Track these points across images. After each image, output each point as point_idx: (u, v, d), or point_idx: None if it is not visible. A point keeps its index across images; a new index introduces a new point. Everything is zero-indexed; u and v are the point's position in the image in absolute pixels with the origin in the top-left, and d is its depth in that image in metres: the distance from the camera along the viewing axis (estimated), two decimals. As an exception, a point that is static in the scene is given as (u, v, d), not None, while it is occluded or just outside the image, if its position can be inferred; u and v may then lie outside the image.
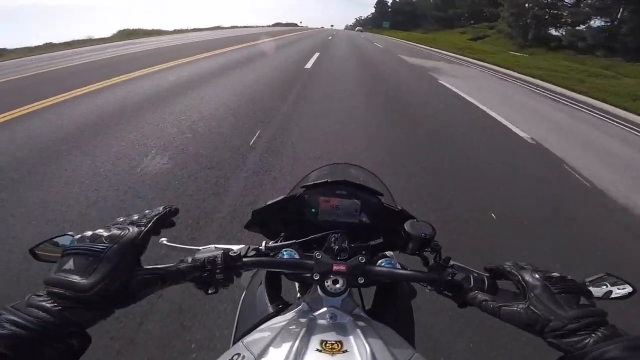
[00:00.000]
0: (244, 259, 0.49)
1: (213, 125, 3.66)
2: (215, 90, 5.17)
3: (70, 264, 0.36)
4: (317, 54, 10.82)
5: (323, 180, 0.60)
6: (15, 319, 0.31)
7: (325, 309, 0.50)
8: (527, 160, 3.53)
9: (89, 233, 0.39)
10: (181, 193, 2.32)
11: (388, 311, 0.60)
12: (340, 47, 15.15)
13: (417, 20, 62.28)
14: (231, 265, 0.47)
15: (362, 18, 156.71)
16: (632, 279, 0.47)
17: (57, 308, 0.33)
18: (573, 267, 1.91)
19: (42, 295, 0.34)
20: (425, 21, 56.73)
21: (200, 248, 0.50)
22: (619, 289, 0.47)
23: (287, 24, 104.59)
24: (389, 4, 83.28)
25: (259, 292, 0.60)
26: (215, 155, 2.93)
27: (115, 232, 0.39)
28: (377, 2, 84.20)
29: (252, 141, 3.27)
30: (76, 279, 0.35)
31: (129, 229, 0.40)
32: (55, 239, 0.45)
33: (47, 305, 0.33)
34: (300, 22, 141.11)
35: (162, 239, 0.53)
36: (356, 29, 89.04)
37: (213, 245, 0.50)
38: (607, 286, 0.46)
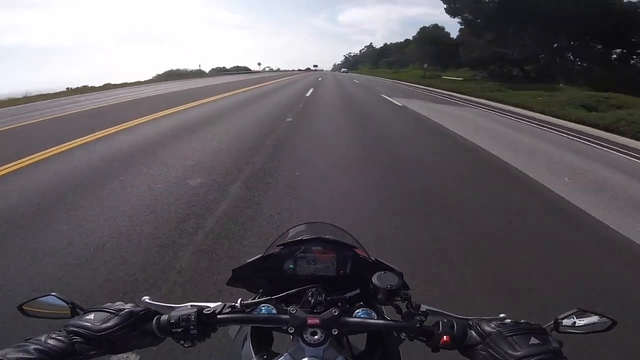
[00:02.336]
0: (218, 316, 0.52)
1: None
2: None
3: (91, 316, 0.48)
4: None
5: (298, 239, 0.63)
6: (39, 347, 0.41)
7: (306, 359, 0.51)
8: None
9: (108, 304, 0.52)
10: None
11: (375, 357, 0.60)
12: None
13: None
14: (205, 322, 0.51)
15: (352, 55, 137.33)
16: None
17: (71, 341, 0.44)
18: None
19: (59, 333, 0.45)
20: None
21: (179, 306, 0.53)
22: (593, 322, 0.49)
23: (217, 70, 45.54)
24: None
25: (244, 344, 0.61)
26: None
27: (127, 305, 0.52)
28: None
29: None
30: (94, 323, 0.47)
31: (137, 305, 0.52)
32: (41, 298, 0.51)
33: (64, 339, 0.44)
34: (259, 64, 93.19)
35: (145, 297, 0.58)
36: (341, 71, 75.88)
37: (189, 304, 0.54)
38: (578, 319, 0.49)
